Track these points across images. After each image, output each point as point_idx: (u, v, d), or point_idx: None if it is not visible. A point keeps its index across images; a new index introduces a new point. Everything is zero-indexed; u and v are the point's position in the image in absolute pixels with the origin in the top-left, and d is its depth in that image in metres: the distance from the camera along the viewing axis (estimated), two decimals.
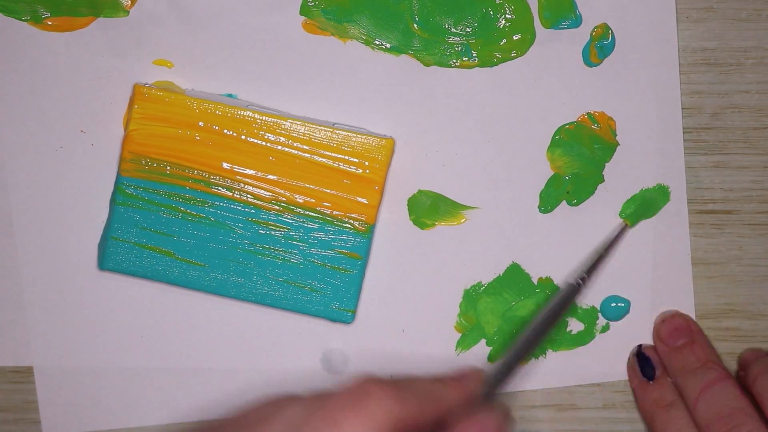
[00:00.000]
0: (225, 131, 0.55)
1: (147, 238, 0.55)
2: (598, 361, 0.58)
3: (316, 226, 0.55)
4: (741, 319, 0.58)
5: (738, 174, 0.58)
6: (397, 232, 0.57)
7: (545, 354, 0.58)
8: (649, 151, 0.57)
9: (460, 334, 0.58)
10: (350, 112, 0.56)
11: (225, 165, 0.55)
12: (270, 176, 0.55)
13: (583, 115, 0.57)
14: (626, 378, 0.58)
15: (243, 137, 0.55)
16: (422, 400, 0.42)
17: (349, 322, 0.57)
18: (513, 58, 0.56)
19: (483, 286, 0.57)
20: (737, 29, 0.57)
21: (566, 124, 0.57)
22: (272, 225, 0.55)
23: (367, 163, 0.55)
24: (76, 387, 0.57)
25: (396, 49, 0.56)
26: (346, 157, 0.55)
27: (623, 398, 0.59)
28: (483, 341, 0.58)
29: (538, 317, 0.52)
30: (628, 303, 0.58)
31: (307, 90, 0.56)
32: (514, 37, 0.56)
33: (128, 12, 0.55)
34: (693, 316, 0.58)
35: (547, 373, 0.58)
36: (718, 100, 0.57)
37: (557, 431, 0.59)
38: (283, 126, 0.55)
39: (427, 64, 0.56)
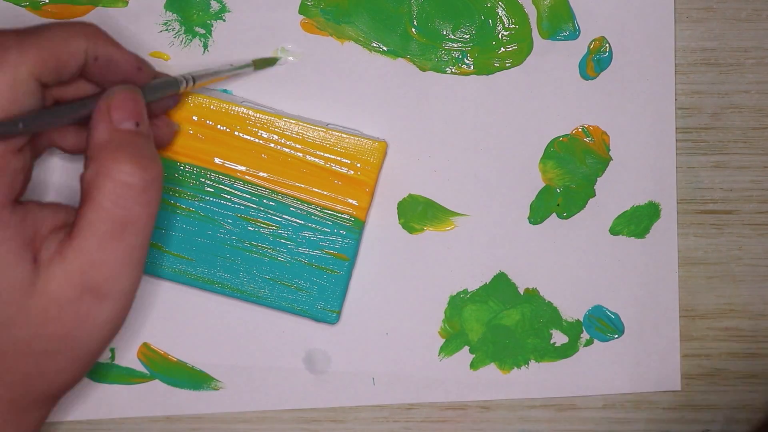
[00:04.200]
0: (218, 126, 0.55)
1: None
2: (581, 375, 0.58)
3: (305, 225, 0.55)
4: (741, 319, 0.59)
5: (738, 174, 0.58)
6: (386, 235, 0.57)
7: (527, 364, 0.58)
8: (642, 167, 0.57)
9: (444, 340, 0.58)
10: (345, 113, 0.56)
11: (217, 160, 0.55)
12: (261, 173, 0.55)
13: (577, 128, 0.57)
14: (611, 392, 0.58)
15: (236, 133, 0.55)
16: (55, 41, 0.45)
17: (334, 323, 0.57)
18: (509, 68, 0.56)
19: (469, 293, 0.57)
20: (737, 29, 0.57)
21: (560, 137, 0.57)
22: (261, 222, 0.55)
23: (359, 165, 0.55)
24: None
25: (393, 53, 0.56)
26: (339, 158, 0.55)
27: (623, 398, 0.59)
28: (466, 348, 0.58)
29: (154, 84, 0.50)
30: (618, 332, 0.58)
31: (302, 89, 0.56)
32: (511, 47, 0.56)
33: (127, 2, 0.55)
34: (677, 334, 0.58)
35: (529, 383, 0.58)
36: (718, 100, 0.57)
37: (557, 431, 0.59)
38: (276, 124, 0.55)
39: (423, 69, 0.56)
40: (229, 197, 0.55)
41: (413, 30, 0.56)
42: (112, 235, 0.45)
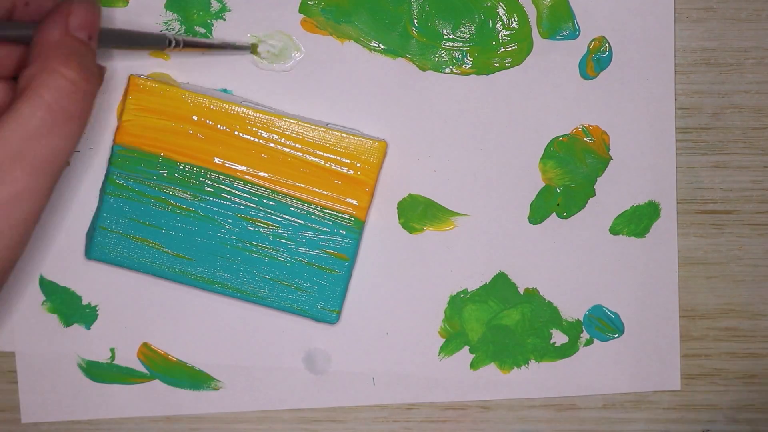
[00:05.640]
0: (218, 126, 0.55)
1: (135, 229, 0.55)
2: (581, 375, 0.58)
3: (304, 225, 0.55)
4: (741, 319, 0.59)
5: (738, 174, 0.58)
6: (386, 235, 0.57)
7: (527, 364, 0.58)
8: (642, 167, 0.57)
9: (444, 340, 0.58)
10: (344, 112, 0.56)
11: (217, 160, 0.55)
12: (261, 173, 0.55)
13: (577, 127, 0.57)
14: (611, 392, 0.58)
15: (236, 133, 0.55)
16: None
17: (334, 323, 0.57)
18: (509, 67, 0.56)
19: (469, 293, 0.57)
20: (737, 29, 0.57)
21: (560, 136, 0.57)
22: (261, 222, 0.55)
23: (359, 165, 0.55)
24: (58, 375, 0.57)
25: (393, 52, 0.56)
26: (339, 158, 0.55)
27: (623, 398, 0.59)
28: (466, 348, 0.58)
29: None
30: (618, 332, 0.58)
31: (302, 89, 0.56)
32: (511, 47, 0.56)
33: (127, 2, 0.55)
34: (677, 334, 0.58)
35: (529, 383, 0.58)
36: (718, 100, 0.57)
37: (557, 431, 0.59)
38: (276, 124, 0.55)
39: (423, 69, 0.56)
40: (229, 197, 0.55)
41: (413, 29, 0.56)
42: (42, 131, 0.45)
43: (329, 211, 0.55)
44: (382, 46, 0.56)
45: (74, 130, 0.46)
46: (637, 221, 0.57)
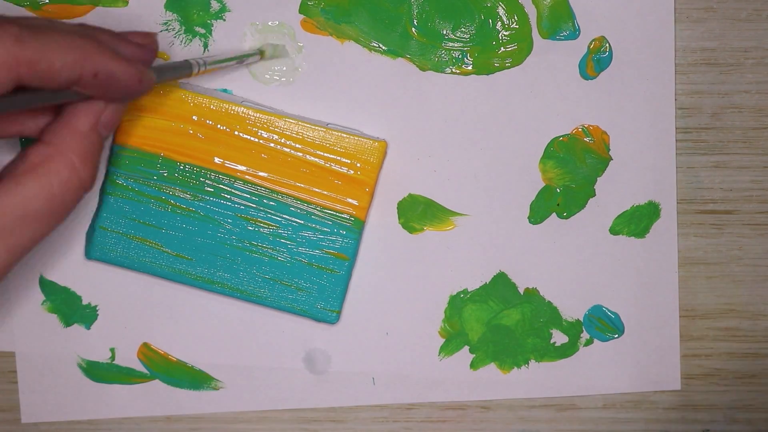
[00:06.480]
0: (218, 126, 0.55)
1: (135, 229, 0.55)
2: (581, 375, 0.58)
3: (304, 225, 0.55)
4: (741, 319, 0.59)
5: (738, 174, 0.58)
6: (386, 235, 0.57)
7: (528, 364, 0.58)
8: (642, 167, 0.57)
9: (444, 340, 0.58)
10: (344, 112, 0.56)
11: (217, 160, 0.55)
12: (261, 173, 0.55)
13: (577, 127, 0.57)
14: (611, 392, 0.58)
15: (236, 133, 0.55)
16: (52, 46, 0.44)
17: (334, 323, 0.57)
18: (509, 67, 0.56)
19: (469, 293, 0.57)
20: (737, 29, 0.57)
21: (560, 136, 0.57)
22: (261, 222, 0.55)
23: (359, 165, 0.55)
24: (58, 375, 0.57)
25: (393, 52, 0.56)
26: (339, 158, 0.55)
27: (623, 398, 0.59)
28: (466, 348, 0.58)
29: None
30: (618, 332, 0.58)
31: (302, 88, 0.56)
32: (511, 47, 0.56)
33: (127, 2, 0.55)
34: (677, 334, 0.58)
35: (529, 383, 0.58)
36: (718, 100, 0.57)
37: (557, 431, 0.59)
38: (276, 124, 0.55)
39: (423, 69, 0.56)
40: (229, 197, 0.55)
41: (413, 30, 0.56)
42: (38, 216, 0.46)
43: (329, 211, 0.55)
44: (382, 46, 0.56)
45: (59, 221, 0.47)
46: (637, 221, 0.57)
